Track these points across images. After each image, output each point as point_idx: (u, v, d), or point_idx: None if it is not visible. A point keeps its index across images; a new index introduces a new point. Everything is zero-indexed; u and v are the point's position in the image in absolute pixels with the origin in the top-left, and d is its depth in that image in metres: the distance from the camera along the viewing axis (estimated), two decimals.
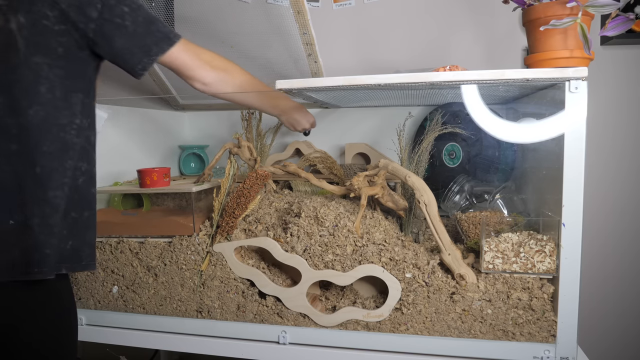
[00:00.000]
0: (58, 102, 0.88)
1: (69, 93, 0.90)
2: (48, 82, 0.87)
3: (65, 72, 0.89)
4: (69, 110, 0.90)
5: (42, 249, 0.86)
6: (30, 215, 0.86)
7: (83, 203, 0.95)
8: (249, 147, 1.38)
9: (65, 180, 0.90)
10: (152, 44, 0.94)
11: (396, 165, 1.12)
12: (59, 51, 0.88)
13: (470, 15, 1.64)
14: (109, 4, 0.88)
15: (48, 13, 0.85)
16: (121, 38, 0.90)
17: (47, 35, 0.86)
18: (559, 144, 0.98)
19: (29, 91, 0.85)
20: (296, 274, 1.13)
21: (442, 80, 0.97)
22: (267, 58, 1.47)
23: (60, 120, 0.89)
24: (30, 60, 0.85)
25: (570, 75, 0.93)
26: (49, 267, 0.87)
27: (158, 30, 0.94)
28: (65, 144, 0.90)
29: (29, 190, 0.86)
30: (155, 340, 1.22)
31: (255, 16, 1.39)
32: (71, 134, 0.90)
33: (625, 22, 0.93)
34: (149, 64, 0.95)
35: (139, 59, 0.94)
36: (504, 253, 1.03)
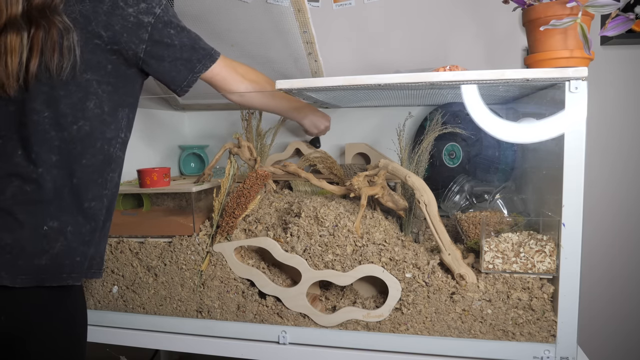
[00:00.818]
0: (106, 117, 0.92)
1: (117, 108, 0.94)
2: (96, 98, 0.90)
3: (114, 88, 0.93)
4: (115, 125, 0.94)
5: (74, 257, 0.90)
6: (65, 223, 0.89)
7: (110, 213, 1.00)
8: (249, 147, 1.38)
9: (105, 192, 0.94)
10: (196, 62, 0.98)
11: (396, 165, 1.12)
12: (108, 68, 0.91)
13: (470, 15, 1.64)
14: (158, 27, 0.92)
15: (102, 33, 0.88)
16: (169, 57, 0.95)
17: (97, 54, 0.89)
18: (559, 144, 0.98)
19: (76, 106, 0.88)
20: (296, 274, 1.13)
21: (442, 80, 0.97)
22: (267, 57, 1.47)
23: (107, 134, 0.93)
24: (81, 77, 0.88)
25: (570, 75, 0.93)
26: (78, 273, 0.91)
27: (201, 47, 0.99)
28: (109, 157, 0.94)
29: (66, 200, 0.89)
30: (155, 340, 1.22)
31: (256, 15, 1.39)
32: (116, 147, 0.95)
33: (625, 22, 0.93)
34: (194, 80, 1.00)
35: (184, 77, 0.98)
36: (504, 253, 1.03)
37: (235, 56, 1.13)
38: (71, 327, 0.95)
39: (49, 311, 0.90)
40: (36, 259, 0.87)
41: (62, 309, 0.92)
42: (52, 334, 0.91)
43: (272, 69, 1.49)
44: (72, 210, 0.89)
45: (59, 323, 0.92)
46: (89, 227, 0.92)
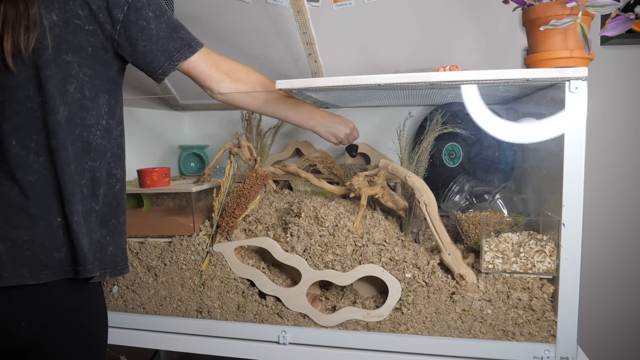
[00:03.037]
0: (87, 102, 0.90)
1: (97, 94, 0.91)
2: (77, 81, 0.88)
3: (94, 72, 0.90)
4: (96, 111, 0.91)
5: (82, 248, 0.88)
6: (70, 213, 0.87)
7: (120, 209, 0.98)
8: (249, 147, 1.38)
9: (83, 181, 0.90)
10: (175, 50, 0.95)
11: (396, 165, 1.12)
12: (88, 51, 0.89)
13: (470, 15, 1.64)
14: (135, 7, 0.90)
15: (80, 12, 0.86)
16: (144, 41, 0.92)
17: (78, 34, 0.87)
18: (559, 144, 0.98)
19: (59, 89, 0.86)
20: (296, 274, 1.13)
21: (442, 80, 0.97)
22: (267, 57, 1.47)
23: (87, 121, 0.90)
24: (60, 59, 0.86)
25: (570, 75, 0.93)
26: (91, 264, 0.89)
27: (180, 37, 0.96)
28: (88, 145, 0.91)
29: (68, 187, 0.87)
30: (155, 340, 1.22)
31: (255, 15, 1.39)
32: (96, 135, 0.91)
33: (625, 22, 0.93)
34: (170, 69, 0.96)
35: (160, 64, 0.95)
36: (504, 253, 1.03)
37: (235, 57, 1.12)
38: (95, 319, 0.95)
39: (73, 304, 0.90)
40: (57, 253, 0.86)
41: (85, 302, 0.92)
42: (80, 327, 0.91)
43: (272, 69, 1.49)
44: (73, 199, 0.87)
45: (85, 316, 0.92)
46: (82, 218, 0.89)
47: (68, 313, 0.90)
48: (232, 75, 1.05)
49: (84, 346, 0.93)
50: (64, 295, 0.89)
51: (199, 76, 1.01)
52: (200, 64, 1.00)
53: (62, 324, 0.89)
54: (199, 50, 0.98)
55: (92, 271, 0.89)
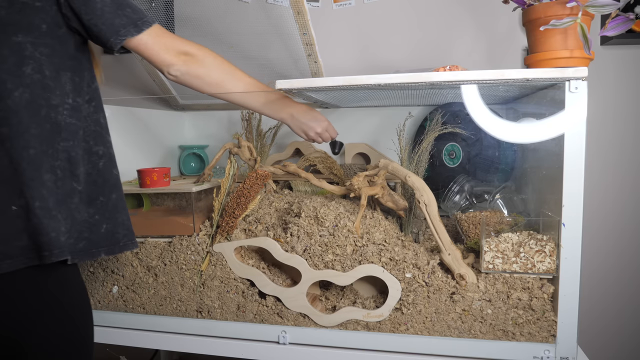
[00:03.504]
0: (49, 82, 0.88)
1: (59, 72, 0.89)
2: (34, 62, 0.86)
3: (52, 50, 0.88)
4: (60, 90, 0.89)
5: (48, 232, 0.86)
6: (31, 199, 0.85)
7: (108, 186, 0.96)
8: (249, 147, 1.38)
9: (56, 163, 0.89)
10: (120, 27, 0.93)
11: (396, 165, 1.12)
12: (42, 28, 0.87)
13: (470, 15, 1.64)
14: None
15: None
16: (88, 14, 0.90)
17: (27, 12, 0.85)
18: (559, 144, 0.98)
19: (12, 72, 0.84)
20: (296, 274, 1.13)
21: (442, 80, 0.97)
22: (267, 58, 1.48)
23: (51, 101, 0.88)
24: (10, 41, 0.84)
25: (570, 75, 0.93)
26: (59, 248, 0.87)
27: (126, 15, 0.93)
28: (57, 125, 0.89)
29: (26, 173, 0.85)
30: (155, 340, 1.22)
31: (255, 16, 1.39)
32: (63, 114, 0.90)
33: (625, 22, 0.93)
34: (117, 44, 0.94)
35: (107, 37, 0.93)
36: (504, 253, 1.03)
37: (235, 57, 1.13)
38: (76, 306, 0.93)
39: (41, 292, 0.88)
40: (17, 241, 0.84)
41: (55, 289, 0.90)
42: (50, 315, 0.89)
43: (272, 70, 1.50)
44: (34, 184, 0.85)
45: (64, 303, 0.90)
46: (53, 200, 0.87)
47: (42, 302, 0.88)
48: (188, 58, 1.01)
49: (66, 336, 0.91)
50: (34, 283, 0.87)
51: (149, 57, 0.99)
52: (149, 41, 0.97)
53: (36, 314, 0.87)
54: (145, 30, 0.95)
55: (59, 255, 0.86)
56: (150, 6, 1.50)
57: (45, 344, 0.89)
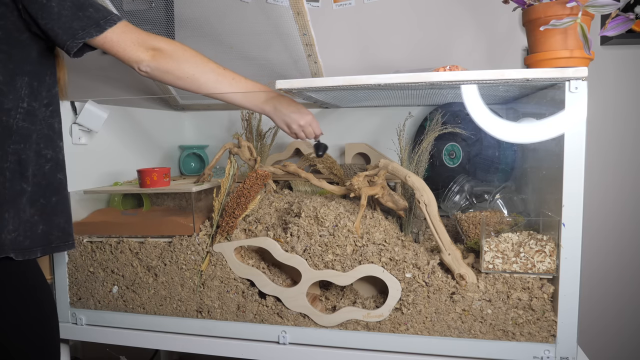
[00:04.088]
0: (1, 87, 0.89)
1: (14, 77, 0.91)
2: None
3: (8, 56, 0.90)
4: (14, 95, 0.91)
5: None
6: None
7: (50, 189, 0.99)
8: (249, 147, 1.38)
9: (6, 165, 0.91)
10: (79, 28, 0.93)
11: (396, 165, 1.12)
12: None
13: (470, 15, 1.64)
14: None
15: None
16: (44, 19, 0.90)
17: None
18: (559, 144, 0.98)
19: None
20: (296, 274, 1.13)
21: (442, 80, 0.97)
22: (267, 59, 1.48)
23: (4, 105, 0.90)
24: None
25: (570, 75, 0.93)
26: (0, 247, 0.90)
27: (87, 16, 0.93)
28: (8, 128, 0.91)
29: None
30: (155, 340, 1.22)
31: (255, 17, 1.39)
32: (16, 118, 0.91)
33: (625, 22, 0.93)
34: (74, 46, 0.94)
35: (63, 41, 0.93)
36: (504, 253, 1.03)
37: (235, 58, 1.12)
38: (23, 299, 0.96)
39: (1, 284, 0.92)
40: None
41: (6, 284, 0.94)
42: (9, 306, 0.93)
43: (272, 70, 1.50)
44: None
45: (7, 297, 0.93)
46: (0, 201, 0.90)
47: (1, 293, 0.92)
48: (156, 52, 1.00)
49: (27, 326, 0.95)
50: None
51: (117, 54, 0.98)
52: (119, 41, 0.97)
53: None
54: (109, 28, 0.95)
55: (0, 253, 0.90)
56: (150, 7, 1.50)
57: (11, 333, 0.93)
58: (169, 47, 1.01)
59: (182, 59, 1.02)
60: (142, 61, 0.99)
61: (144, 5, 1.51)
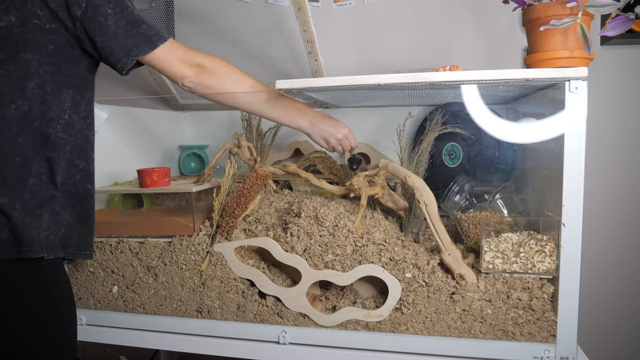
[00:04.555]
0: (48, 97, 0.93)
1: (60, 89, 0.95)
2: (37, 78, 0.92)
3: (56, 69, 0.94)
4: (58, 106, 0.95)
5: (29, 230, 0.92)
6: (13, 200, 0.91)
7: (78, 198, 1.02)
8: (249, 147, 1.38)
9: (41, 170, 0.95)
10: (133, 46, 0.97)
11: (396, 165, 1.12)
12: (49, 48, 0.92)
13: (470, 15, 1.64)
14: (94, 4, 0.92)
15: (39, 12, 0.90)
16: (102, 37, 0.94)
17: (37, 33, 0.91)
18: (559, 144, 0.97)
19: (15, 85, 0.90)
20: (296, 274, 1.13)
21: (442, 80, 0.97)
22: (268, 56, 1.48)
23: (48, 115, 0.94)
24: (19, 57, 0.90)
25: (570, 75, 0.93)
26: (38, 246, 0.94)
27: (141, 33, 0.97)
28: (46, 137, 0.95)
29: (10, 178, 0.92)
30: (155, 340, 1.22)
31: (256, 13, 1.39)
32: (57, 128, 0.95)
33: (625, 22, 0.93)
34: (128, 64, 0.98)
35: (118, 59, 0.97)
36: (504, 253, 1.03)
37: (236, 55, 1.13)
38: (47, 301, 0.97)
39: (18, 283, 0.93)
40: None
41: (32, 282, 0.95)
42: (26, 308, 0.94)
43: (273, 67, 1.50)
44: (17, 187, 0.92)
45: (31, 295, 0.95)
46: (35, 203, 0.94)
47: (27, 292, 0.94)
48: (200, 69, 1.03)
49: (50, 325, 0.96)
50: (20, 274, 0.93)
51: (164, 70, 1.02)
52: (166, 58, 1.00)
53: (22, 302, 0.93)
54: (160, 45, 0.98)
55: (37, 252, 0.93)
56: (150, 6, 1.50)
57: (29, 331, 0.95)
58: (211, 64, 1.05)
59: (223, 75, 1.06)
60: (186, 77, 1.03)
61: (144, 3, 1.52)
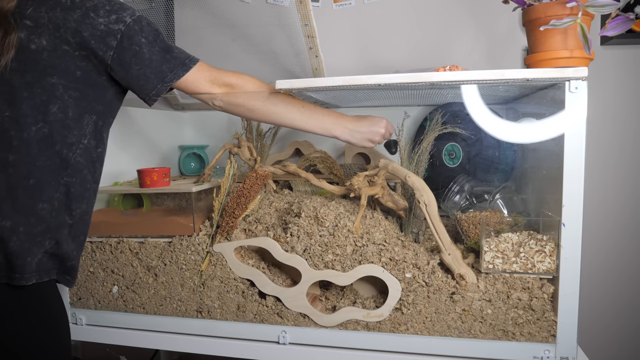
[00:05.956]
0: (69, 122, 0.92)
1: (83, 114, 0.94)
2: (61, 102, 0.91)
3: (82, 95, 0.93)
4: (79, 131, 0.94)
5: (25, 257, 0.89)
6: (17, 223, 0.89)
7: (87, 226, 1.02)
8: (249, 147, 1.38)
9: (56, 195, 0.93)
10: (168, 71, 0.97)
11: (396, 165, 1.12)
12: (77, 74, 0.92)
13: (470, 15, 1.64)
14: (129, 35, 0.92)
15: (70, 39, 0.89)
16: (137, 64, 0.94)
17: (66, 59, 0.90)
18: (559, 144, 0.98)
19: (38, 108, 0.89)
20: (296, 274, 1.13)
21: (442, 80, 0.97)
22: (269, 52, 1.48)
23: (68, 139, 0.93)
24: (45, 81, 0.89)
25: (570, 75, 0.93)
26: (30, 273, 0.90)
27: (174, 57, 0.98)
28: (66, 161, 0.93)
29: (20, 200, 0.89)
30: (155, 340, 1.22)
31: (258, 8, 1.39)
32: (76, 152, 0.94)
33: (625, 22, 0.93)
34: (163, 90, 0.98)
35: (153, 85, 0.97)
36: (504, 253, 1.03)
37: (237, 51, 1.12)
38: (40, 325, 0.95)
39: (12, 310, 0.91)
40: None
41: (29, 307, 0.93)
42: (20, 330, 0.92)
43: (274, 64, 1.49)
44: (25, 210, 0.89)
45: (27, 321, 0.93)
46: (40, 229, 0.91)
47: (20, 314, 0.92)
48: (228, 88, 1.05)
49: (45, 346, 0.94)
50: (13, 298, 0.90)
51: (194, 92, 1.03)
52: (194, 80, 1.01)
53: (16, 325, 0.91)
54: (192, 68, 0.99)
55: (29, 279, 0.90)
56: (150, 6, 1.50)
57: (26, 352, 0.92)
58: (238, 82, 1.05)
59: (252, 93, 1.07)
60: (216, 97, 1.04)
61: (144, 4, 1.52)
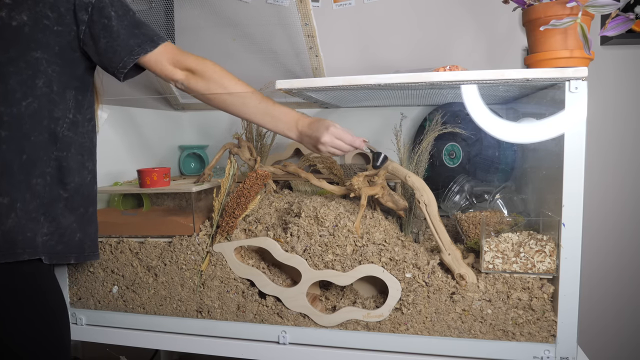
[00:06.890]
0: (55, 96, 0.96)
1: (65, 89, 0.98)
2: (45, 77, 0.94)
3: (61, 69, 0.96)
4: (63, 105, 0.98)
5: (25, 232, 0.92)
6: (14, 200, 0.92)
7: (89, 199, 1.05)
8: (249, 147, 1.38)
9: (47, 169, 0.96)
10: (135, 45, 0.99)
11: (396, 165, 1.12)
12: (55, 49, 0.95)
13: (470, 15, 1.64)
14: (98, 7, 0.95)
15: (49, 14, 0.93)
16: (105, 37, 0.97)
17: (46, 33, 0.93)
18: (559, 144, 0.98)
19: (25, 83, 0.92)
20: (296, 274, 1.13)
21: (442, 80, 0.97)
22: (270, 51, 1.48)
23: (54, 114, 0.96)
24: (29, 55, 0.92)
25: (570, 75, 0.93)
26: (34, 248, 0.94)
27: (142, 33, 1.00)
28: (54, 136, 0.97)
29: (16, 175, 0.92)
30: (155, 340, 1.22)
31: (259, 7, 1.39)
32: (63, 127, 0.98)
33: (625, 22, 0.93)
34: (130, 62, 1.00)
35: (120, 58, 0.99)
36: (504, 253, 1.03)
37: (237, 50, 1.13)
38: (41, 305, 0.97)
39: (12, 288, 0.93)
40: None
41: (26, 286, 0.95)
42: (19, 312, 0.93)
43: (273, 63, 1.50)
44: (20, 186, 0.92)
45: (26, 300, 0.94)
46: (35, 204, 0.94)
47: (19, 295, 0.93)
48: (189, 73, 1.04)
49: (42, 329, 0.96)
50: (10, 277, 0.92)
51: (159, 71, 1.04)
52: (160, 58, 1.02)
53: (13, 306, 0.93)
54: (160, 45, 1.01)
55: (32, 254, 0.93)
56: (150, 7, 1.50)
57: (24, 337, 0.94)
58: (199, 67, 1.04)
59: (211, 80, 1.06)
60: (178, 80, 1.05)
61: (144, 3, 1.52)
